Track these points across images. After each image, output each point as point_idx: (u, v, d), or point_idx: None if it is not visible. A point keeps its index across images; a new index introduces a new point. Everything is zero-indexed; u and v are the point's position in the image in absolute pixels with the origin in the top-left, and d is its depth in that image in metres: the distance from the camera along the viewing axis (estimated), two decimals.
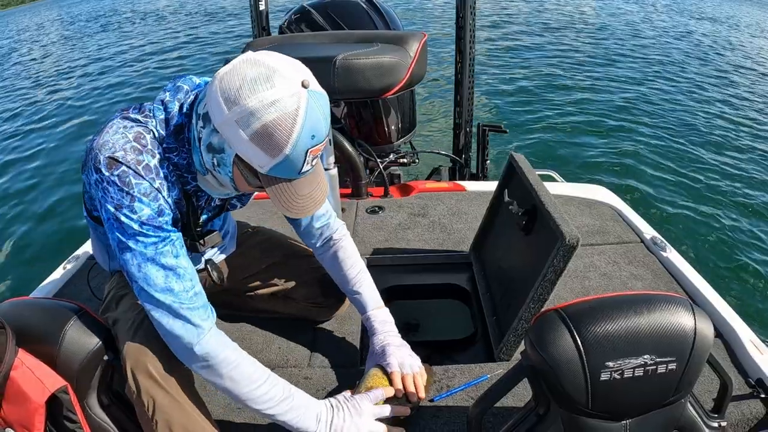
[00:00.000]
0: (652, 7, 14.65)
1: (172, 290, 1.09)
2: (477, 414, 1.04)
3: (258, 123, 0.97)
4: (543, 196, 1.46)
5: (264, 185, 1.07)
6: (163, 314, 1.09)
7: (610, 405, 0.97)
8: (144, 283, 1.08)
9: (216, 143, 1.05)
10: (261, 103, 0.96)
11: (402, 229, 2.12)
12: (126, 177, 1.05)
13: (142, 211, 1.07)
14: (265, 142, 0.98)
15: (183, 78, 1.17)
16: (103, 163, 1.05)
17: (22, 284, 3.99)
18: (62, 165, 6.23)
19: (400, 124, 2.80)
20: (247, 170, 1.06)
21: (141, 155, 1.08)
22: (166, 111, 1.12)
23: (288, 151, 0.99)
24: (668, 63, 8.83)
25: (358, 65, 1.91)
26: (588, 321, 0.94)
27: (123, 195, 1.05)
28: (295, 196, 1.08)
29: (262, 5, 2.98)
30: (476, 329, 1.63)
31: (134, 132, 1.09)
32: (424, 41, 2.15)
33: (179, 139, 1.13)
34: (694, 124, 6.19)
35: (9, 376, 1.06)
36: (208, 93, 1.03)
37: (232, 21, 15.15)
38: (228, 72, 1.01)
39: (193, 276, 1.13)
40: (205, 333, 1.11)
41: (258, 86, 0.97)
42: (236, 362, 1.12)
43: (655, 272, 1.80)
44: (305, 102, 0.98)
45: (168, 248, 1.10)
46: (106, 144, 1.06)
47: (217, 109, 1.00)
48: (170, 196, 1.13)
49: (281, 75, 0.98)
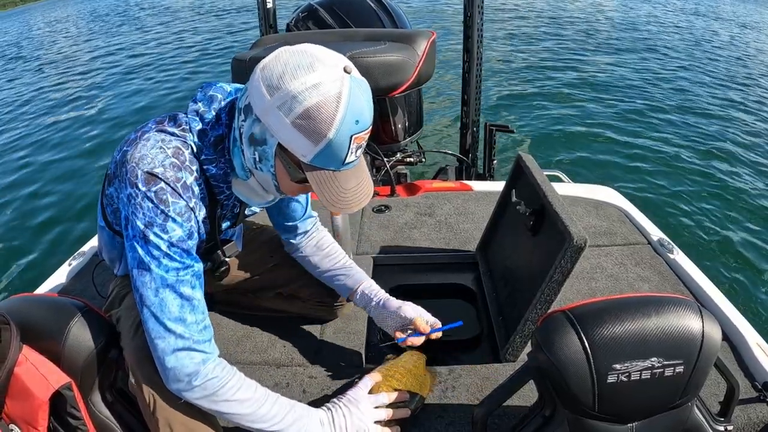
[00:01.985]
0: (664, 7, 14.58)
1: (185, 321, 1.06)
2: (482, 415, 1.04)
3: (300, 107, 0.95)
4: (551, 196, 1.46)
5: (308, 177, 1.03)
6: (169, 344, 1.05)
7: (616, 407, 0.97)
8: (158, 309, 1.05)
9: (258, 133, 1.03)
10: (303, 86, 0.94)
11: (408, 229, 2.11)
12: (164, 194, 1.03)
13: (173, 231, 1.05)
14: (308, 127, 0.96)
15: (213, 86, 1.15)
16: (140, 177, 1.03)
17: (27, 281, 4.01)
18: (68, 161, 6.25)
19: (407, 123, 2.79)
20: (291, 161, 1.03)
21: (180, 172, 1.06)
22: (203, 121, 1.11)
23: (331, 135, 0.96)
24: (679, 64, 8.78)
25: (364, 64, 1.90)
26: (595, 323, 0.94)
27: (157, 213, 1.03)
28: (341, 189, 1.05)
29: (270, 3, 2.98)
30: (482, 330, 1.63)
31: (173, 147, 1.07)
32: (433, 40, 2.14)
33: (218, 149, 1.12)
34: (703, 126, 6.15)
35: (13, 372, 1.06)
36: (249, 84, 1.02)
37: (240, 18, 15.17)
38: (270, 61, 1.00)
39: (204, 309, 1.11)
40: (209, 361, 1.08)
41: (300, 71, 0.95)
42: (238, 385, 1.10)
43: (662, 274, 1.80)
44: (348, 86, 0.96)
45: (188, 277, 1.08)
46: (144, 158, 1.04)
47: (259, 96, 0.99)
48: (201, 213, 1.13)
49: (322, 62, 0.97)
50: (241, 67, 2.08)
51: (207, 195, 1.15)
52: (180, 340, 1.05)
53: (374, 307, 1.44)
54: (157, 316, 1.05)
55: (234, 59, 2.13)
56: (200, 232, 1.14)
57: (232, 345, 1.56)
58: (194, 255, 1.10)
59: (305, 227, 1.53)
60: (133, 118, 7.39)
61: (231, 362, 1.47)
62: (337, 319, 1.64)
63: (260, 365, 1.49)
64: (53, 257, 4.11)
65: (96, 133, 7.01)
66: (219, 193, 1.18)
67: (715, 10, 14.48)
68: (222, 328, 1.63)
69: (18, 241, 4.69)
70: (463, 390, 1.38)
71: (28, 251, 4.52)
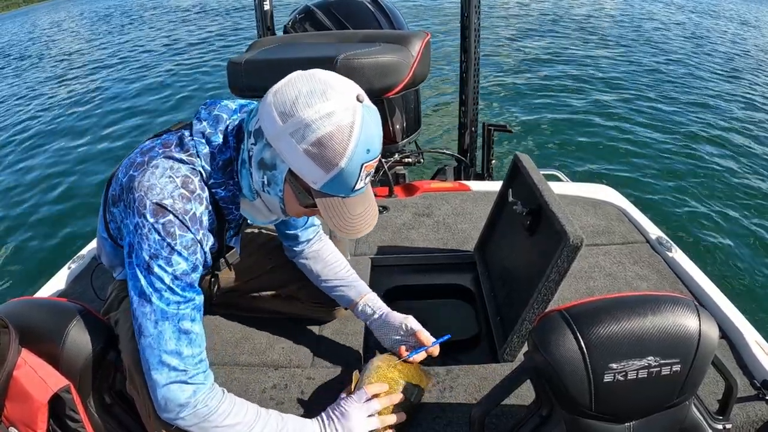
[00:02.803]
0: (663, 5, 14.57)
1: (181, 354, 1.05)
2: (480, 415, 1.04)
3: (313, 135, 0.95)
4: (547, 196, 1.46)
5: (317, 203, 1.04)
6: (163, 376, 1.05)
7: (613, 407, 0.97)
8: (156, 341, 1.04)
9: (268, 158, 1.03)
10: (317, 114, 0.94)
11: (406, 229, 2.11)
12: (171, 227, 1.03)
13: (178, 265, 1.04)
14: (321, 155, 0.96)
15: (217, 105, 1.15)
16: (149, 208, 1.02)
17: (26, 284, 4.01)
18: (67, 164, 6.25)
19: (404, 124, 2.79)
20: (300, 187, 1.03)
21: (189, 203, 1.05)
22: (210, 144, 1.10)
23: (343, 165, 0.97)
24: (677, 62, 8.78)
25: (359, 65, 1.90)
26: (591, 322, 0.94)
27: (163, 245, 1.02)
28: (348, 215, 1.05)
29: (267, 5, 2.98)
30: (480, 330, 1.63)
31: (182, 176, 1.06)
32: (427, 40, 2.14)
33: (226, 172, 1.11)
34: (701, 123, 6.16)
35: (12, 375, 1.06)
36: (260, 108, 1.02)
37: (237, 20, 15.18)
38: (282, 86, 1.00)
39: (202, 342, 1.10)
40: (200, 392, 1.07)
41: (313, 99, 0.95)
42: (228, 411, 1.09)
43: (660, 273, 1.79)
44: (360, 115, 0.97)
45: (188, 311, 1.07)
46: (153, 188, 1.03)
47: (271, 122, 0.98)
48: (208, 243, 1.12)
49: (336, 89, 0.97)
50: (236, 70, 2.08)
51: (216, 218, 1.15)
52: (174, 373, 1.05)
53: (376, 320, 1.44)
54: (154, 347, 1.05)
55: (229, 62, 2.13)
56: (206, 261, 1.14)
57: (231, 346, 1.56)
58: (196, 288, 1.10)
59: (307, 236, 1.52)
60: (131, 122, 7.39)
61: (229, 364, 1.49)
62: (335, 321, 1.64)
63: (258, 366, 1.49)
64: (52, 260, 4.11)
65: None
66: (228, 213, 1.18)
67: (716, 8, 14.48)
68: (220, 329, 1.63)
69: (17, 245, 4.69)
70: (461, 390, 1.38)
71: (27, 255, 4.52)
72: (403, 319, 1.41)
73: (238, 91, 2.14)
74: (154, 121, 7.27)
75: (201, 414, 1.06)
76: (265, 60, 2.08)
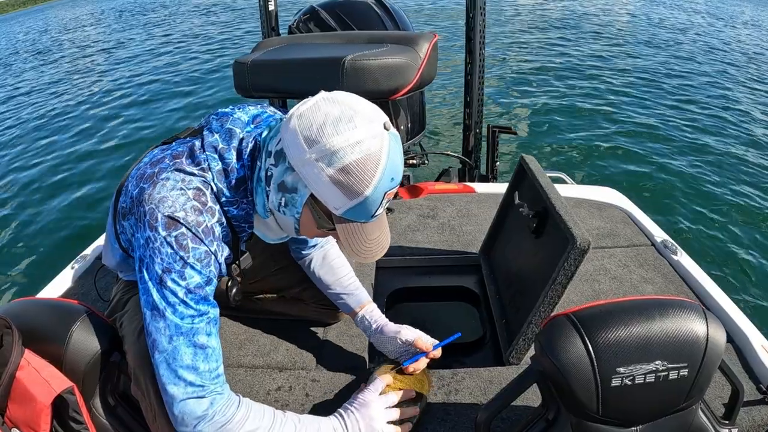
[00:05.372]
0: (670, 10, 14.54)
1: (197, 369, 1.04)
2: (486, 419, 1.04)
3: (340, 163, 0.94)
4: (554, 198, 1.46)
5: (337, 228, 1.04)
6: (179, 391, 1.03)
7: (620, 411, 0.97)
8: (171, 356, 1.03)
9: (290, 182, 1.02)
10: (345, 143, 0.94)
11: (411, 231, 2.11)
12: (184, 240, 1.01)
13: (191, 278, 1.03)
14: (346, 183, 0.95)
15: (230, 117, 1.13)
16: (161, 221, 1.00)
17: (29, 284, 4.02)
18: (71, 163, 6.26)
19: (409, 125, 2.78)
20: (321, 212, 1.03)
21: (201, 215, 1.04)
22: (224, 162, 1.08)
23: (368, 193, 0.97)
24: (684, 65, 8.76)
25: (366, 66, 1.89)
26: (599, 326, 0.94)
27: (176, 259, 1.01)
28: (365, 240, 1.06)
29: (272, 5, 2.98)
30: (485, 332, 1.63)
31: (194, 188, 1.05)
32: (435, 42, 2.13)
33: (240, 190, 1.10)
34: (707, 127, 6.14)
35: (15, 376, 1.05)
36: (283, 130, 1.01)
37: (241, 20, 15.19)
38: (307, 110, 0.99)
39: (219, 357, 1.08)
40: (216, 403, 1.06)
41: (341, 126, 0.94)
42: (245, 418, 1.08)
43: (666, 276, 1.79)
44: (387, 144, 0.96)
45: (203, 325, 1.05)
46: (164, 201, 1.02)
47: (296, 147, 0.97)
48: (222, 254, 1.11)
49: (363, 116, 0.96)
50: (242, 70, 2.08)
51: (230, 232, 1.14)
52: (191, 388, 1.03)
53: (373, 331, 1.44)
54: (170, 363, 1.03)
55: (235, 62, 2.13)
56: (221, 273, 1.13)
57: (235, 348, 1.56)
58: (211, 300, 1.08)
59: (316, 239, 1.51)
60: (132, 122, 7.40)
61: (234, 365, 1.49)
62: (340, 323, 1.64)
63: (263, 368, 1.49)
64: (56, 260, 4.11)
65: (99, 137, 7.02)
66: (240, 231, 1.18)
67: (728, 12, 14.44)
68: (225, 331, 1.62)
69: (20, 245, 4.70)
70: (467, 393, 1.38)
71: (30, 254, 4.53)
72: (397, 331, 1.39)
73: (243, 92, 2.14)
74: (156, 120, 7.28)
75: (219, 423, 1.05)
76: (271, 60, 2.08)
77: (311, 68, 2.01)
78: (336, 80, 1.92)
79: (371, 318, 1.46)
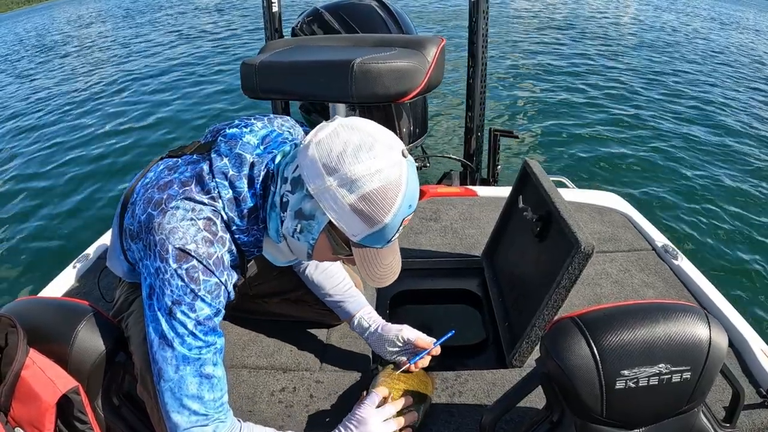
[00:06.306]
0: (679, 17, 14.55)
1: (202, 399, 1.05)
2: (490, 421, 1.05)
3: (361, 191, 0.95)
4: (558, 202, 1.47)
5: (354, 253, 1.05)
6: (183, 419, 1.04)
7: (624, 413, 0.98)
8: (176, 385, 1.03)
9: (308, 209, 1.02)
10: (366, 171, 0.94)
11: (414, 234, 2.12)
12: (195, 272, 1.01)
13: (201, 311, 1.03)
14: (366, 211, 0.96)
15: (238, 141, 1.12)
16: (171, 253, 1.00)
17: (31, 283, 4.01)
18: (74, 163, 6.26)
19: (411, 128, 2.80)
20: (338, 238, 1.03)
21: (212, 246, 1.04)
22: (234, 190, 1.07)
23: (388, 221, 0.98)
24: (684, 69, 8.78)
25: (375, 70, 1.89)
26: (604, 329, 0.95)
27: (187, 291, 1.01)
28: (379, 265, 1.07)
29: (275, 7, 2.98)
30: (488, 335, 1.64)
31: (204, 219, 1.04)
32: (443, 46, 2.14)
33: (251, 219, 1.10)
34: (708, 132, 6.15)
35: (20, 375, 1.05)
36: (300, 157, 1.01)
37: (245, 22, 15.20)
38: (326, 138, 0.98)
39: (224, 386, 1.09)
40: (221, 429, 1.08)
41: (361, 154, 0.95)
42: None
43: (666, 280, 1.80)
44: (406, 172, 0.98)
45: (209, 356, 1.06)
46: (175, 232, 1.01)
47: (315, 175, 0.97)
48: (231, 282, 1.11)
49: (383, 144, 0.97)
50: (250, 72, 2.09)
51: (238, 257, 1.14)
52: (195, 417, 1.05)
53: (371, 333, 1.45)
54: (175, 392, 1.04)
55: (243, 63, 2.14)
56: (229, 299, 1.13)
57: (239, 349, 1.57)
58: (219, 331, 1.09)
59: None
60: (136, 120, 7.40)
61: (237, 366, 1.50)
62: (343, 324, 1.64)
63: (267, 370, 1.50)
64: (57, 259, 4.11)
65: (104, 138, 7.02)
66: (248, 255, 1.18)
67: (730, 18, 14.47)
68: (229, 332, 1.63)
69: (22, 244, 4.70)
70: (470, 395, 1.39)
71: (31, 253, 4.52)
72: (398, 330, 1.40)
73: (251, 93, 2.15)
74: (158, 119, 7.27)
75: None
76: (279, 62, 2.09)
77: (320, 71, 2.02)
78: (345, 84, 1.92)
79: (369, 320, 1.47)
